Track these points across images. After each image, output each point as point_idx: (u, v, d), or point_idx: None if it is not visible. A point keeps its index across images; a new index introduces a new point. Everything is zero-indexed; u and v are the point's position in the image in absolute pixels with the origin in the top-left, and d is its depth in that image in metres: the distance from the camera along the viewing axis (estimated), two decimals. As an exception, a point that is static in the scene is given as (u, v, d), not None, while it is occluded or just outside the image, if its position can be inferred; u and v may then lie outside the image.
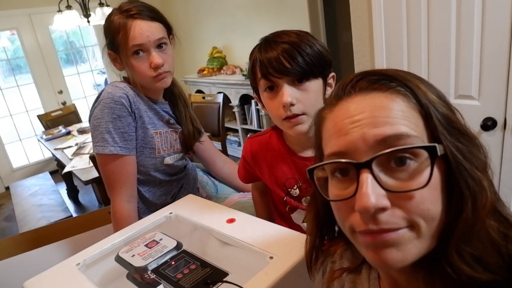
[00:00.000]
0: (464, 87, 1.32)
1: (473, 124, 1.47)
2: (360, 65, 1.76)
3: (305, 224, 0.99)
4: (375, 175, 0.38)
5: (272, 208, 1.07)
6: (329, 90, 0.88)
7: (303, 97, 0.82)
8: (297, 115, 0.82)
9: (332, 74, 0.88)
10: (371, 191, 0.37)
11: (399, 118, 0.39)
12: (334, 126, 0.43)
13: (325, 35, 3.25)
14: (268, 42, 0.83)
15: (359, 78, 0.44)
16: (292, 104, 0.81)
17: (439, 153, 0.38)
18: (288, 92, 0.81)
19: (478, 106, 1.30)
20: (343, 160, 0.41)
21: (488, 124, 1.27)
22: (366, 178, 0.38)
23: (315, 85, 0.83)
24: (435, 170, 0.38)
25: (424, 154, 0.38)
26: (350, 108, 0.42)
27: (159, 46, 1.12)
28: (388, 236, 0.38)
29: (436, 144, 0.38)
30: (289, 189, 0.97)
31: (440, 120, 0.40)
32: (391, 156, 0.38)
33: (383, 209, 0.37)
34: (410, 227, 0.38)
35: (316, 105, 0.83)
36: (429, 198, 0.38)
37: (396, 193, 0.38)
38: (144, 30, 1.08)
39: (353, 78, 0.45)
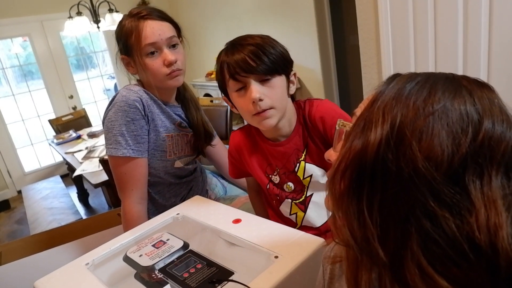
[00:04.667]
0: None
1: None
2: (367, 68, 1.76)
3: (293, 216, 1.03)
4: None
5: (267, 207, 1.10)
6: (292, 87, 0.96)
7: (270, 93, 0.88)
8: (266, 109, 0.89)
9: (293, 72, 0.96)
10: None
11: None
12: None
13: (332, 38, 3.25)
14: (234, 46, 0.90)
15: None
16: (260, 99, 0.87)
17: None
18: (256, 89, 0.87)
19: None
20: None
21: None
22: None
23: (279, 81, 0.90)
24: None
25: None
26: None
27: (171, 45, 1.15)
28: None
29: None
30: (270, 176, 1.02)
31: None
32: None
33: None
34: None
35: (282, 99, 0.91)
36: None
37: None
38: (155, 29, 1.11)
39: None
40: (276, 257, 0.75)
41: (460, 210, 0.36)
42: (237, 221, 0.91)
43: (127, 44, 1.13)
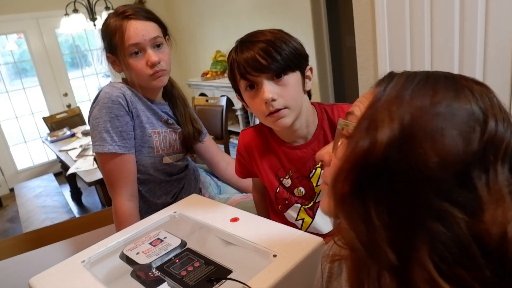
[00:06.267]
0: (467, 91, 1.32)
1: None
2: (363, 69, 1.76)
3: (299, 221, 1.00)
4: None
5: (269, 209, 1.08)
6: (308, 82, 0.91)
7: (284, 92, 0.84)
8: (279, 109, 0.84)
9: (309, 66, 0.91)
10: None
11: None
12: None
13: (328, 39, 3.26)
14: (244, 43, 0.86)
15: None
16: (273, 100, 0.83)
17: None
18: (269, 89, 0.83)
19: (481, 110, 1.30)
20: None
21: (492, 128, 1.27)
22: None
23: (293, 78, 0.85)
24: None
25: None
26: None
27: (155, 45, 1.14)
28: None
29: None
30: (281, 179, 0.98)
31: None
32: None
33: None
34: None
35: (297, 97, 0.86)
36: None
37: None
38: (139, 30, 1.10)
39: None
40: (275, 256, 0.74)
41: (471, 209, 0.36)
42: (235, 219, 0.91)
43: (112, 43, 1.13)
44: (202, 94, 4.11)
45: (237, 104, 3.71)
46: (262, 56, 0.81)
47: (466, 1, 1.25)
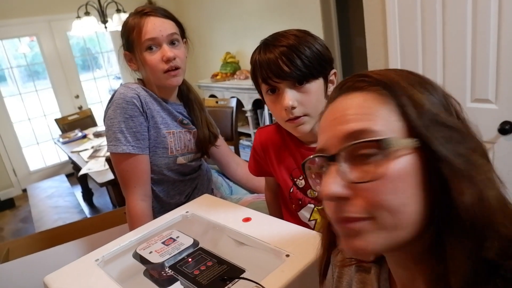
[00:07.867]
0: (480, 91, 1.30)
1: (490, 128, 1.40)
2: (375, 70, 1.76)
3: (312, 222, 1.00)
4: (339, 167, 0.40)
5: (283, 208, 1.08)
6: (331, 87, 0.89)
7: (304, 99, 0.83)
8: (299, 116, 0.84)
9: (334, 71, 0.89)
10: (332, 181, 0.40)
11: (368, 114, 0.41)
12: (320, 125, 0.47)
13: (339, 40, 3.25)
14: (267, 45, 0.84)
15: (347, 80, 0.46)
16: (293, 107, 0.82)
17: (394, 147, 0.38)
18: (289, 96, 0.82)
19: (495, 110, 1.28)
20: (316, 155, 0.44)
21: (506, 128, 1.25)
22: (331, 170, 0.41)
23: (315, 86, 0.84)
24: (404, 162, 0.39)
25: (390, 147, 0.39)
26: (334, 108, 0.45)
27: (172, 42, 1.15)
28: (351, 226, 0.40)
29: (387, 137, 0.38)
30: (295, 179, 0.98)
31: (420, 116, 0.40)
32: (355, 150, 0.40)
33: (344, 199, 0.40)
34: (371, 218, 0.39)
35: (318, 105, 0.85)
36: (387, 189, 0.38)
37: (355, 183, 0.39)
38: (157, 25, 1.12)
39: (343, 80, 0.47)
40: (288, 255, 0.74)
41: None
42: (247, 219, 0.91)
43: (129, 39, 1.15)
44: (212, 96, 4.12)
45: (247, 106, 3.71)
46: (284, 61, 0.80)
47: (479, 1, 1.23)
